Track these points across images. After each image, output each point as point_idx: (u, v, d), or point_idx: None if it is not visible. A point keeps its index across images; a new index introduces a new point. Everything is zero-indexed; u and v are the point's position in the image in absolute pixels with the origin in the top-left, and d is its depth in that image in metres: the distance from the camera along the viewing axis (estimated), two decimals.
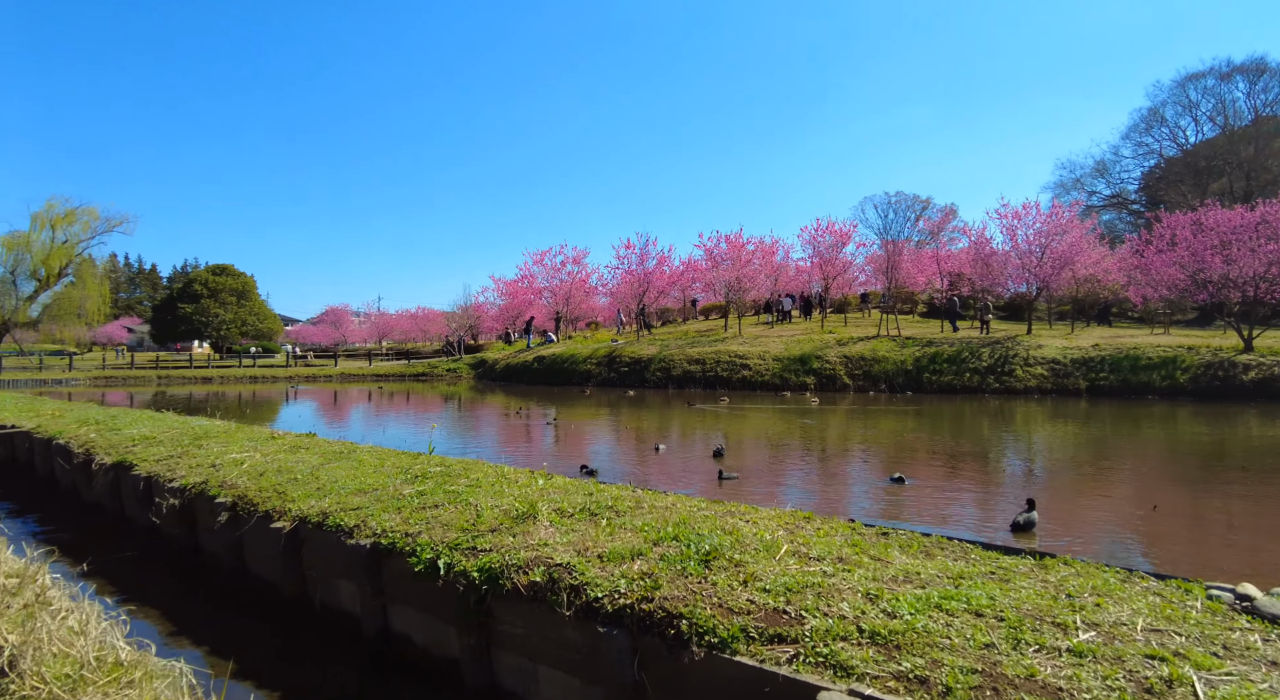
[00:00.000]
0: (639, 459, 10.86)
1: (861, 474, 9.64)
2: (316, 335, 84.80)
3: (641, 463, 10.46)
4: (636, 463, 10.49)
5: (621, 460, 10.66)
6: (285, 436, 8.33)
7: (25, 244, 48.79)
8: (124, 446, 7.98)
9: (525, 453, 12.05)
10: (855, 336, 27.72)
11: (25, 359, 48.60)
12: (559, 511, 4.39)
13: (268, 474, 6.07)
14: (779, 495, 8.11)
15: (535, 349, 35.94)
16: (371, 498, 5.05)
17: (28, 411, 12.52)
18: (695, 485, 8.62)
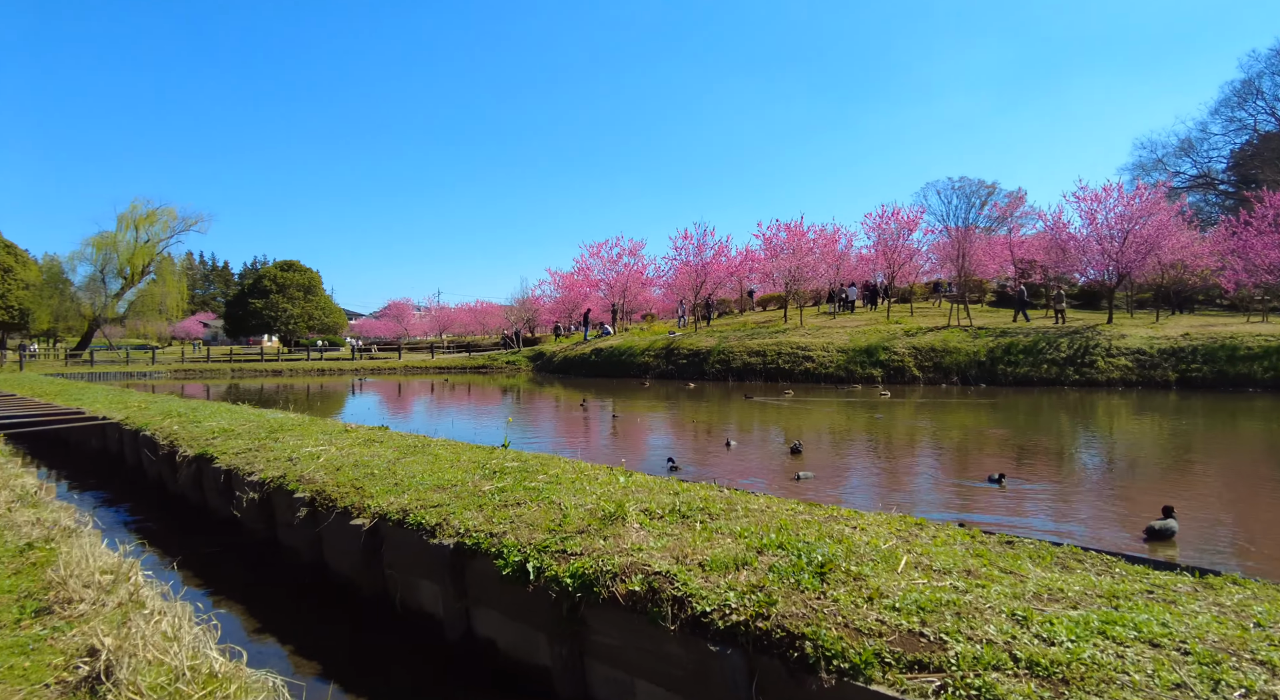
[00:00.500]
0: (710, 455, 10.55)
1: (951, 473, 9.09)
2: (379, 329, 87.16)
3: (713, 459, 10.16)
4: (708, 459, 10.19)
5: (692, 456, 10.37)
6: (358, 430, 8.36)
7: (113, 244, 51.47)
8: (205, 439, 8.12)
9: (594, 447, 11.89)
10: (924, 327, 26.75)
11: (113, 353, 51.26)
12: (647, 513, 4.16)
13: (344, 468, 6.03)
14: (864, 496, 7.71)
15: (592, 341, 35.95)
16: (451, 494, 4.91)
17: (117, 403, 13.00)
18: (771, 483, 8.30)
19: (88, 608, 3.15)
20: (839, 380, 24.08)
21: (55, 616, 3.11)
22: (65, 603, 3.20)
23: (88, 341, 56.92)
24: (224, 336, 76.73)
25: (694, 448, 11.38)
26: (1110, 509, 7.08)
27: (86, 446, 12.48)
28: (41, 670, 2.66)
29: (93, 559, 3.67)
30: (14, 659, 2.76)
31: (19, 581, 3.64)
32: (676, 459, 9.44)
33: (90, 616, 3.08)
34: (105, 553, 3.94)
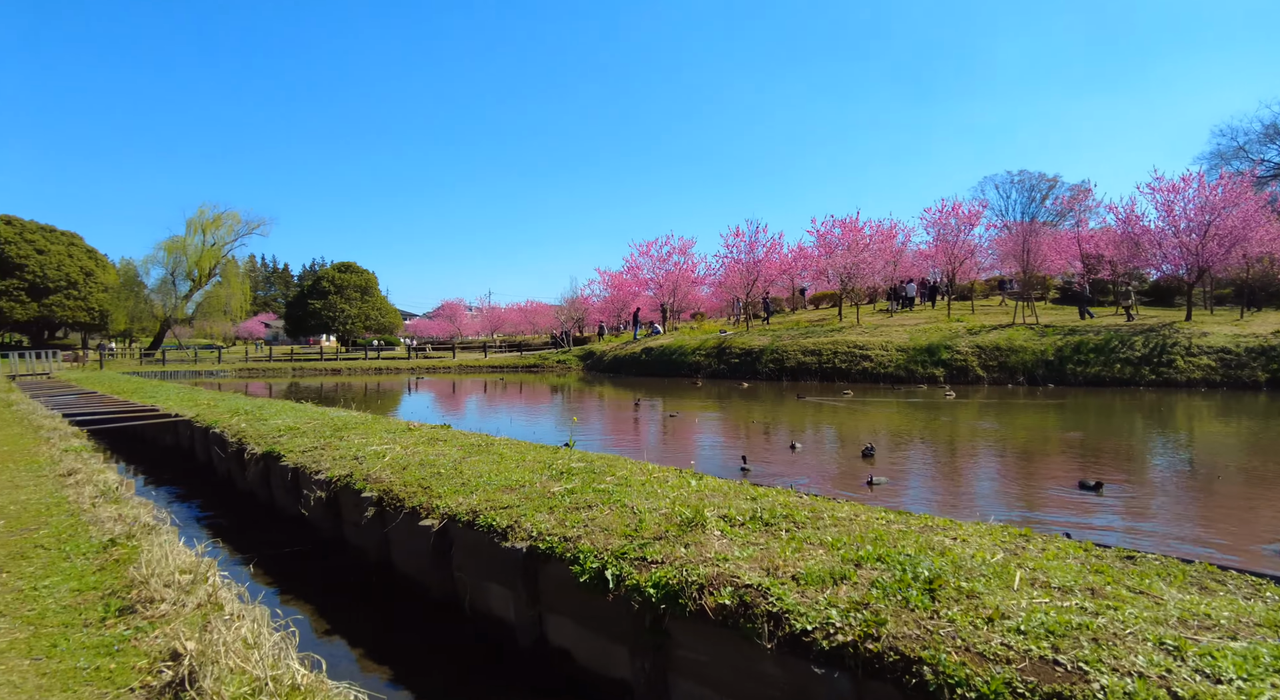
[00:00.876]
0: (775, 457, 10.26)
1: (1037, 479, 8.58)
2: (433, 328, 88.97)
3: (779, 462, 9.86)
4: (773, 461, 9.90)
5: (756, 458, 10.11)
6: (421, 428, 8.37)
7: (182, 248, 53.75)
8: (271, 437, 8.24)
9: (653, 447, 11.71)
10: (986, 325, 25.81)
11: (182, 352, 53.48)
12: (727, 519, 3.96)
13: (410, 467, 5.99)
14: (946, 503, 7.33)
15: (642, 340, 35.84)
16: (520, 495, 4.80)
17: (188, 401, 13.42)
18: (844, 488, 7.97)
19: (168, 608, 3.12)
20: (898, 380, 23.40)
21: (138, 616, 3.09)
22: (147, 602, 3.18)
23: (160, 341, 59.56)
24: (284, 336, 79.31)
25: (756, 450, 11.10)
26: (1222, 520, 6.57)
27: (160, 442, 12.90)
28: (126, 673, 2.62)
29: (172, 558, 3.66)
30: (100, 660, 2.73)
31: (103, 578, 3.66)
32: (728, 461, 9.21)
33: (171, 617, 3.04)
34: (183, 551, 3.93)
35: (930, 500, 7.47)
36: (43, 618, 3.17)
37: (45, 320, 56.66)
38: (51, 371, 31.30)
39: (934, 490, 8.07)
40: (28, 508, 5.18)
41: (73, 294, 56.66)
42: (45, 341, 57.25)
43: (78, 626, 3.07)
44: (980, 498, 7.58)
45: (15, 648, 2.86)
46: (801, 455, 10.09)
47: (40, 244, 55.16)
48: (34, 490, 5.76)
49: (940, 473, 9.11)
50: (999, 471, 9.12)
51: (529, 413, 18.70)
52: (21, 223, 55.47)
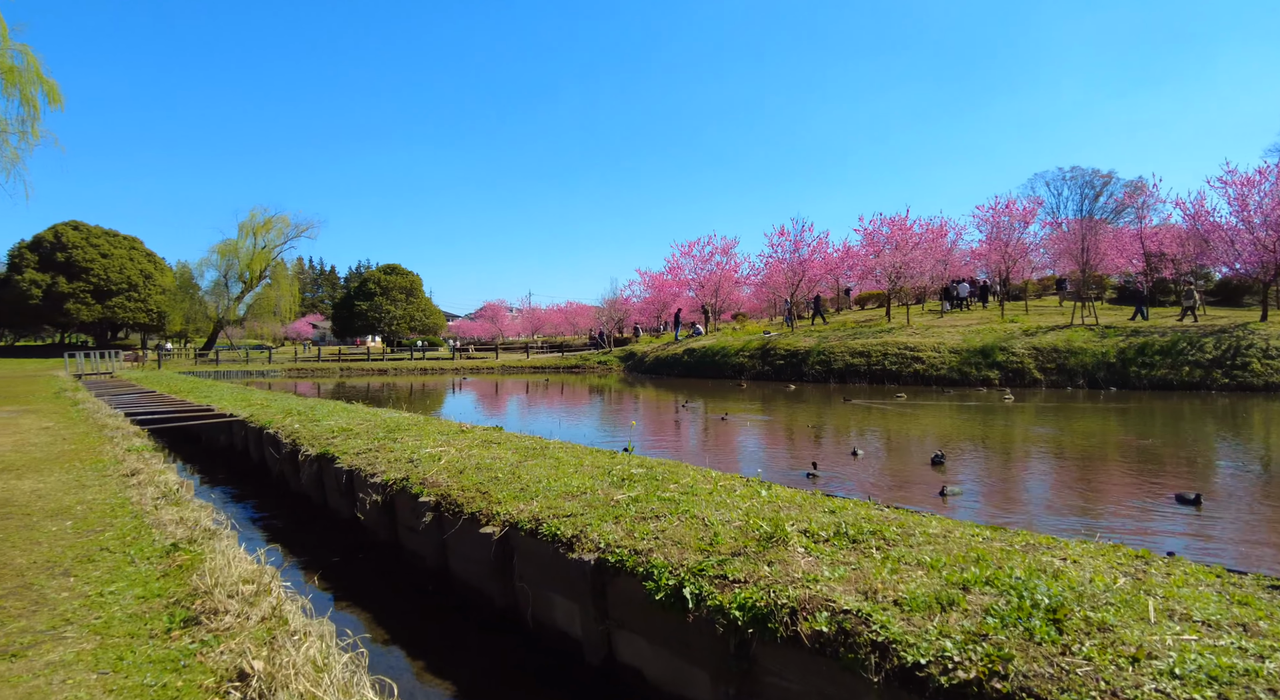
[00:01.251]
0: (837, 464, 9.84)
1: (1120, 489, 8.03)
2: (475, 329, 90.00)
3: (842, 468, 9.43)
4: (835, 468, 9.48)
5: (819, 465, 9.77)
6: (474, 430, 8.28)
7: (234, 250, 55.30)
8: (325, 438, 8.23)
9: (707, 451, 11.41)
10: (1043, 326, 24.88)
11: (234, 352, 55.02)
12: (808, 534, 3.71)
13: (467, 471, 5.86)
14: (1031, 516, 6.89)
15: (684, 341, 35.56)
16: (582, 503, 4.62)
17: (242, 401, 13.64)
18: (917, 498, 7.57)
19: (233, 621, 3.01)
20: (951, 383, 22.69)
21: (202, 628, 2.98)
22: (211, 613, 3.07)
23: (213, 341, 61.40)
24: (331, 337, 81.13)
25: (815, 456, 10.75)
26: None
27: (215, 441, 13.13)
28: (193, 692, 2.50)
29: (234, 566, 3.57)
30: (167, 676, 2.62)
31: (167, 584, 3.59)
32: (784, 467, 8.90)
33: (236, 631, 2.92)
34: (245, 559, 3.85)
35: (1011, 513, 7.04)
36: (109, 627, 3.09)
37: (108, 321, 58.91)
38: (114, 371, 32.42)
39: (1013, 501, 7.62)
40: (94, 508, 5.19)
41: (133, 296, 58.79)
42: (108, 342, 59.53)
43: (143, 637, 2.97)
44: (1066, 510, 7.08)
45: (82, 660, 2.77)
46: (865, 462, 9.69)
47: (104, 248, 57.37)
48: (99, 490, 5.79)
49: (1015, 482, 8.63)
50: (1077, 481, 8.58)
51: (575, 414, 18.61)
52: (87, 228, 57.78)
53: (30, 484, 6.10)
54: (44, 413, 12.49)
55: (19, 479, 6.32)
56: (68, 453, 7.70)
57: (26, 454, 7.69)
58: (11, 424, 10.67)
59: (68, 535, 4.52)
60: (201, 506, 5.26)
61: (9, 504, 5.39)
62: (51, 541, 4.40)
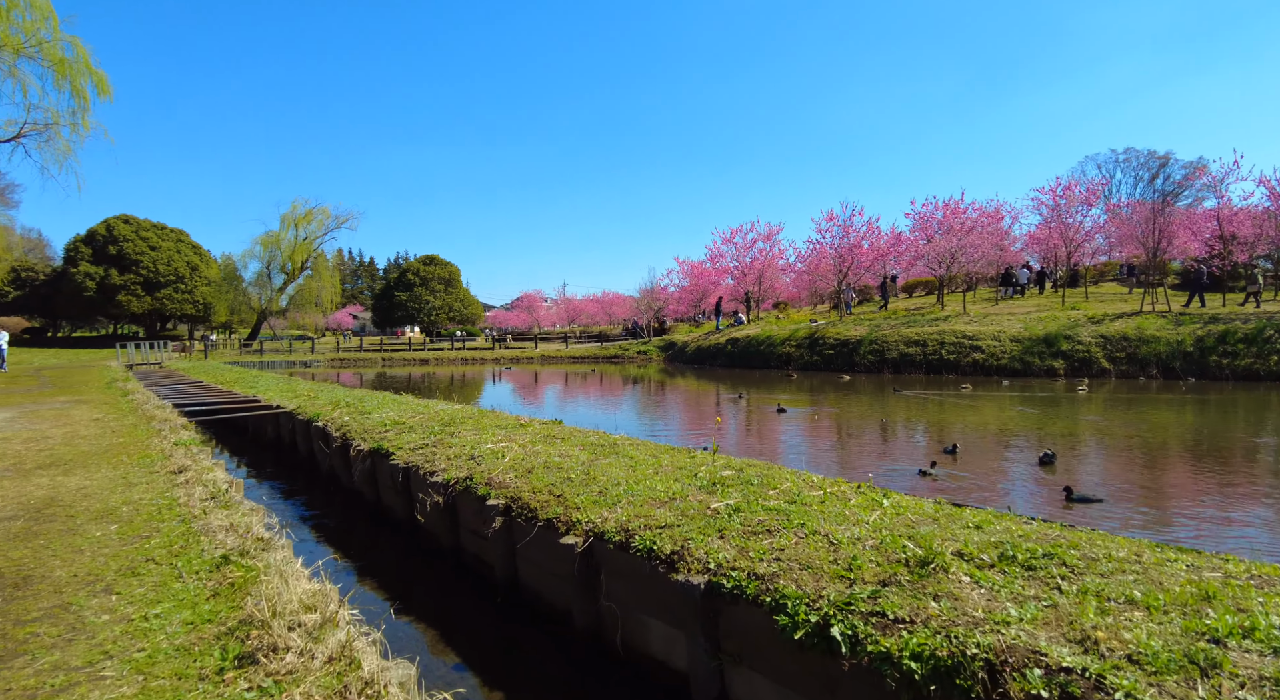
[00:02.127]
0: (931, 463, 9.00)
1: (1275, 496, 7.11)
2: (511, 320, 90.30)
3: (941, 468, 8.62)
4: (935, 469, 8.64)
5: (908, 462, 9.05)
6: (533, 424, 7.79)
7: (276, 242, 55.99)
8: (377, 432, 7.82)
9: (784, 449, 10.68)
10: (1110, 313, 23.59)
11: (277, 343, 55.82)
12: (965, 558, 3.09)
13: (536, 471, 5.35)
14: (1198, 532, 6.00)
15: (726, 331, 34.82)
16: (675, 511, 4.06)
17: (288, 392, 13.41)
18: (1040, 505, 6.78)
19: (294, 660, 2.51)
20: (1013, 373, 21.62)
21: (260, 670, 2.49)
22: (270, 651, 2.58)
23: (257, 332, 62.43)
24: (371, 328, 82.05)
25: (903, 452, 10.00)
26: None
27: (262, 433, 12.92)
28: None
29: (293, 588, 3.09)
30: None
31: (218, 607, 3.13)
32: (871, 465, 8.20)
33: (300, 675, 2.43)
34: (304, 577, 3.38)
35: (1169, 526, 6.14)
36: (153, 663, 2.63)
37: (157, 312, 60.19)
38: (163, 361, 32.94)
39: (1161, 511, 6.65)
40: (140, 510, 4.80)
41: (180, 288, 59.95)
42: (157, 332, 60.89)
43: (192, 679, 2.50)
44: (1234, 523, 6.17)
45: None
46: (964, 460, 8.88)
47: (153, 241, 58.56)
48: (146, 489, 5.42)
49: (1148, 486, 7.62)
50: (1221, 486, 7.47)
51: (625, 406, 18.11)
52: (137, 221, 59.02)
53: (77, 481, 5.77)
54: (95, 403, 12.40)
55: (66, 475, 6.01)
56: (116, 447, 7.41)
57: (76, 447, 7.43)
58: (64, 415, 10.53)
59: (112, 542, 4.12)
60: (252, 510, 4.83)
61: (54, 504, 5.04)
62: (94, 549, 4.00)
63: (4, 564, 3.78)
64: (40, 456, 6.91)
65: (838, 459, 9.53)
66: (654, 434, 11.67)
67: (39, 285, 57.40)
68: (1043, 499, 6.95)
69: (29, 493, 5.38)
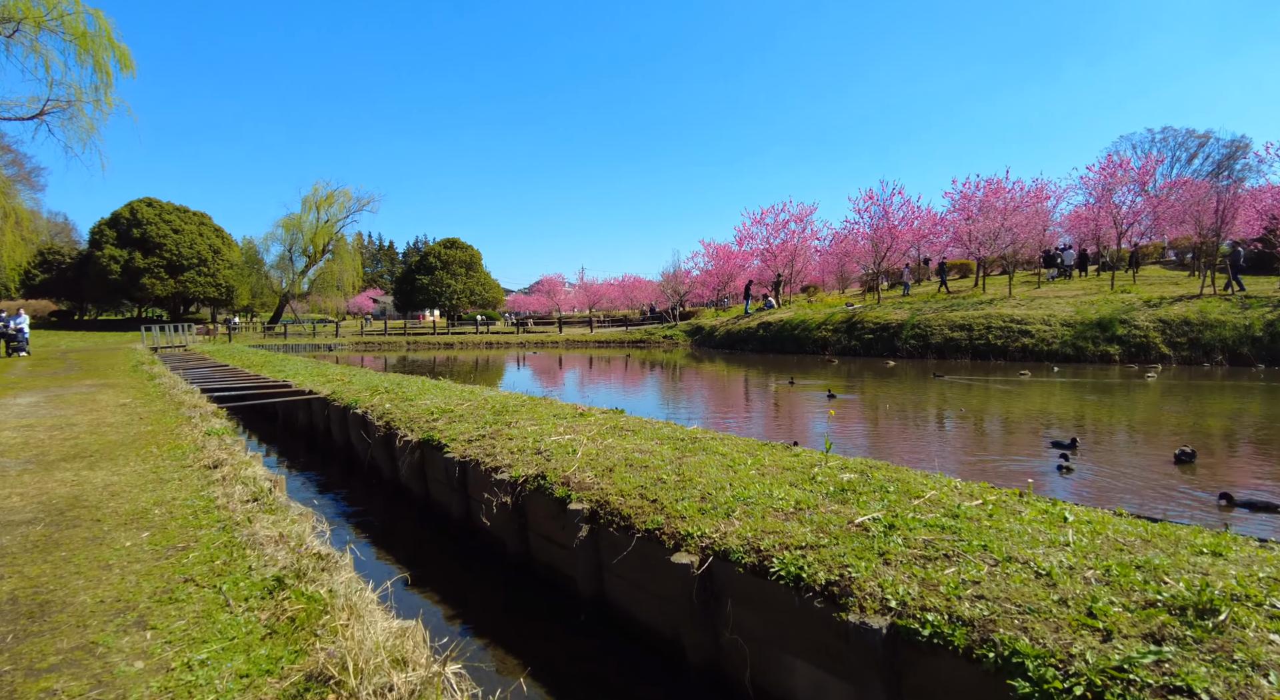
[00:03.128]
0: (1049, 456, 8.10)
1: None
2: (530, 303, 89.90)
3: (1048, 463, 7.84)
4: (1050, 465, 7.75)
5: (1011, 452, 8.26)
6: (593, 413, 7.12)
7: (298, 225, 55.76)
8: (425, 421, 7.20)
9: (862, 441, 9.69)
10: (1166, 296, 22.46)
11: (301, 326, 55.73)
12: (1248, 602, 2.37)
13: (618, 470, 4.68)
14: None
15: (757, 315, 33.96)
16: (810, 527, 3.37)
17: (318, 376, 12.87)
18: (1184, 512, 5.97)
19: None
20: (1064, 359, 20.64)
21: None
22: None
23: (279, 315, 62.42)
24: (392, 311, 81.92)
25: (1001, 447, 9.18)
26: None
27: (293, 419, 12.39)
28: None
29: (372, 629, 2.44)
30: None
31: (276, 650, 2.49)
32: (1069, 457, 7.36)
33: None
34: (380, 611, 2.74)
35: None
36: None
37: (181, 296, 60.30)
38: (187, 344, 32.73)
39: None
40: (174, 513, 4.20)
41: (203, 271, 59.96)
42: (181, 315, 61.06)
43: None
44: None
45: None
46: (1086, 456, 8.00)
47: (176, 224, 58.53)
48: (179, 486, 4.82)
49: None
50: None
51: (670, 393, 17.42)
52: (160, 204, 58.97)
53: (103, 476, 5.19)
54: (122, 388, 11.93)
55: (92, 469, 5.43)
56: (144, 435, 6.85)
57: (102, 436, 6.88)
58: (90, 400, 10.04)
59: (144, 554, 3.51)
60: (301, 515, 4.21)
61: (79, 504, 4.46)
62: (124, 564, 3.39)
63: (20, 585, 3.18)
64: (65, 447, 6.35)
65: (936, 452, 8.72)
66: (720, 425, 10.91)
67: (65, 268, 57.70)
68: (1196, 504, 6.12)
69: (51, 490, 4.80)
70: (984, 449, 8.97)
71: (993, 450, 8.87)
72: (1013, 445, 9.14)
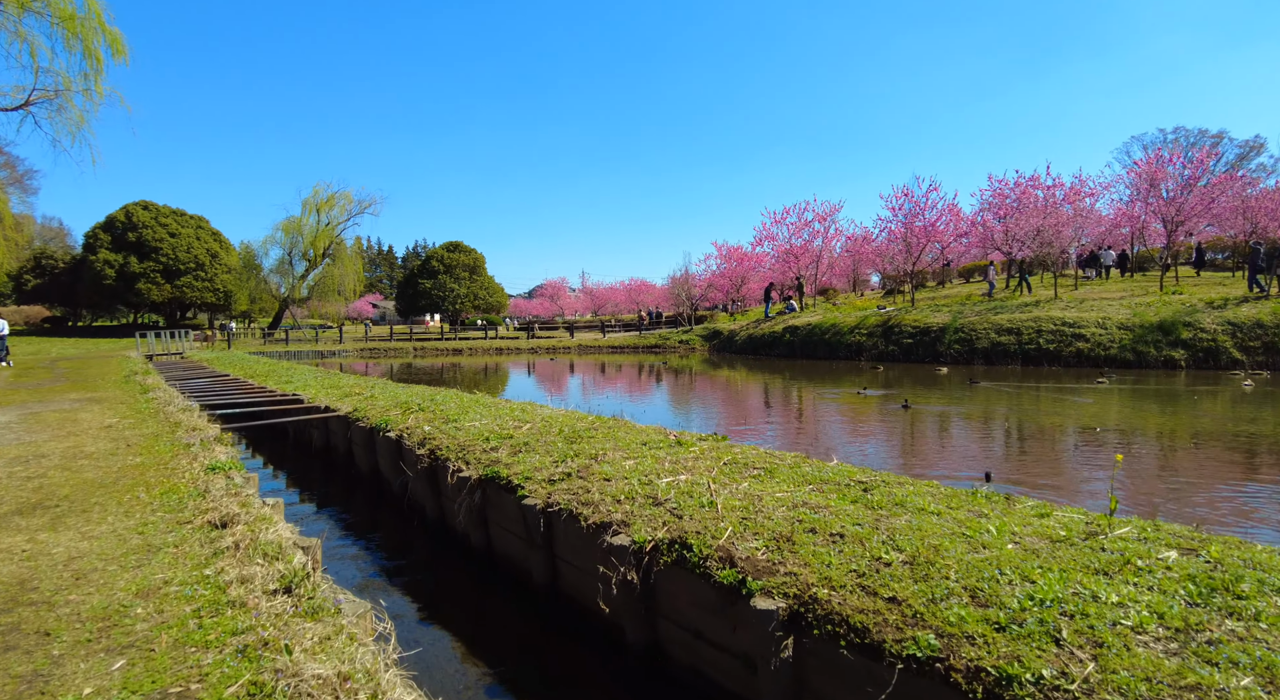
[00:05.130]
0: (1223, 494, 6.76)
1: None
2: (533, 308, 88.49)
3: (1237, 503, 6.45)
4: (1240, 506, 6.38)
5: (1156, 488, 6.90)
6: (691, 441, 5.69)
7: (298, 228, 54.35)
8: (480, 450, 5.79)
9: (1044, 474, 8.00)
10: (1230, 297, 21.13)
11: (302, 331, 54.29)
12: None
13: (796, 536, 3.29)
14: None
15: (780, 319, 32.59)
16: (1231, 674, 1.98)
17: (332, 388, 11.48)
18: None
19: None
20: (1124, 364, 19.26)
21: None
22: None
23: (279, 321, 60.92)
24: (393, 316, 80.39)
25: (1183, 471, 7.79)
26: None
27: (305, 437, 10.98)
28: None
29: None
30: None
31: None
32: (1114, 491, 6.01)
33: None
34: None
35: None
36: None
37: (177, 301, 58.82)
38: (184, 351, 31.29)
39: None
40: (166, 614, 2.81)
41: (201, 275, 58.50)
42: (178, 321, 59.52)
43: None
44: None
45: None
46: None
47: (172, 228, 57.07)
48: (173, 560, 3.43)
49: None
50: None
51: (721, 403, 16.02)
52: (156, 207, 57.50)
53: (68, 541, 3.79)
54: (110, 402, 10.51)
55: (55, 528, 4.03)
56: (130, 471, 5.44)
57: (77, 472, 5.47)
58: (70, 420, 8.61)
59: None
60: (359, 615, 2.82)
61: (23, 596, 3.07)
62: None
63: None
64: (24, 489, 4.94)
65: (1147, 490, 7.27)
66: (814, 449, 9.30)
67: (59, 273, 56.19)
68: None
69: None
70: (1174, 473, 7.57)
71: (1192, 478, 7.46)
72: (1205, 469, 7.75)
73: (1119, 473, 7.34)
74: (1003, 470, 7.84)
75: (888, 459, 8.69)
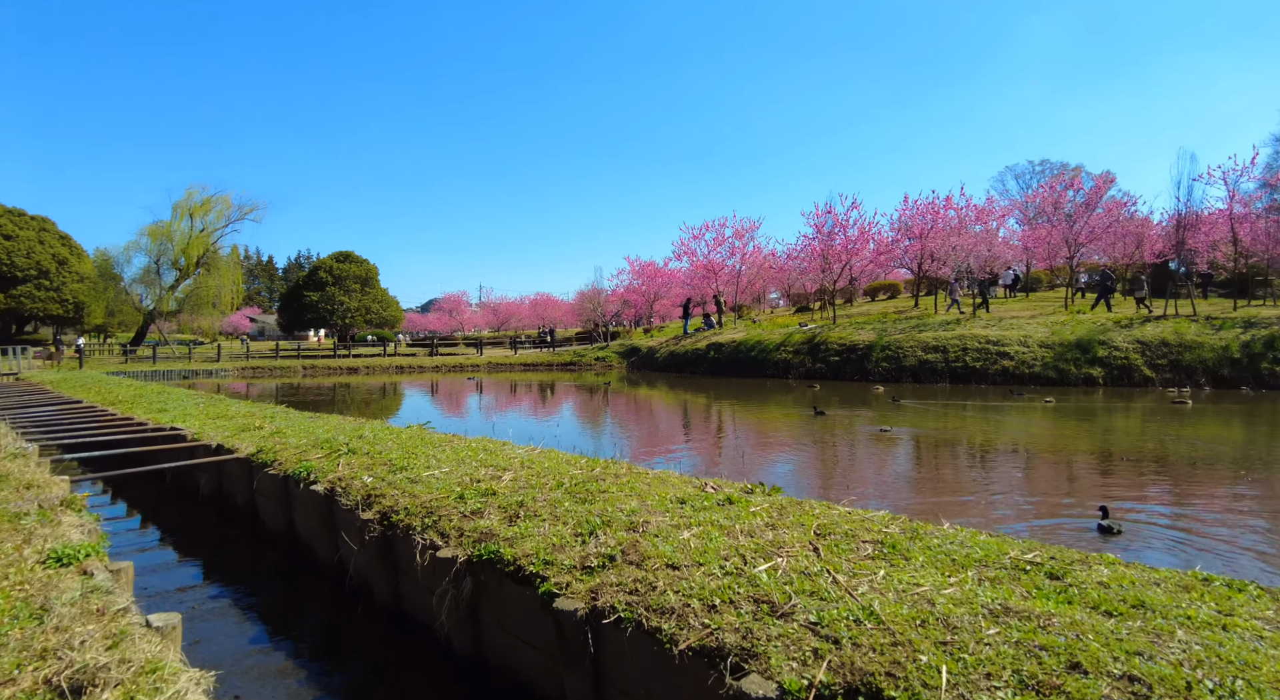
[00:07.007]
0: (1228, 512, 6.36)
1: None
2: (430, 323, 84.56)
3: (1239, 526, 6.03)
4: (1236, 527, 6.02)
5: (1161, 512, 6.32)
6: (735, 495, 4.43)
7: (168, 233, 49.06)
8: (458, 515, 4.30)
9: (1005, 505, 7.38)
10: (1134, 317, 22.27)
11: (171, 348, 48.84)
12: None
13: (923, 648, 2.11)
14: None
15: (702, 335, 31.96)
16: None
17: (218, 418, 9.42)
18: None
19: None
20: (1046, 382, 19.75)
21: None
22: None
23: (142, 337, 54.71)
24: (273, 331, 74.33)
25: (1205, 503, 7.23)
26: None
27: (190, 480, 8.87)
28: None
29: None
30: None
31: None
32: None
33: None
34: None
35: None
36: None
37: (13, 312, 51.67)
38: (20, 371, 26.90)
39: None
40: None
41: (44, 284, 51.72)
42: (13, 337, 52.16)
43: None
44: None
45: None
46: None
47: (8, 229, 50.17)
48: None
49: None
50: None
51: (670, 430, 14.81)
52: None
53: None
54: None
55: None
56: None
57: None
58: None
59: None
60: None
61: None
62: None
63: None
64: None
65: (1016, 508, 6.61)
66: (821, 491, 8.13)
67: None
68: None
69: None
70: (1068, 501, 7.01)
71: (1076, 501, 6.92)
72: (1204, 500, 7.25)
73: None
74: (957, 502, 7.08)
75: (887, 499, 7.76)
